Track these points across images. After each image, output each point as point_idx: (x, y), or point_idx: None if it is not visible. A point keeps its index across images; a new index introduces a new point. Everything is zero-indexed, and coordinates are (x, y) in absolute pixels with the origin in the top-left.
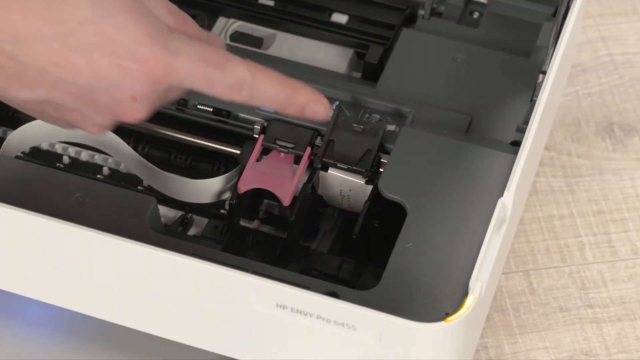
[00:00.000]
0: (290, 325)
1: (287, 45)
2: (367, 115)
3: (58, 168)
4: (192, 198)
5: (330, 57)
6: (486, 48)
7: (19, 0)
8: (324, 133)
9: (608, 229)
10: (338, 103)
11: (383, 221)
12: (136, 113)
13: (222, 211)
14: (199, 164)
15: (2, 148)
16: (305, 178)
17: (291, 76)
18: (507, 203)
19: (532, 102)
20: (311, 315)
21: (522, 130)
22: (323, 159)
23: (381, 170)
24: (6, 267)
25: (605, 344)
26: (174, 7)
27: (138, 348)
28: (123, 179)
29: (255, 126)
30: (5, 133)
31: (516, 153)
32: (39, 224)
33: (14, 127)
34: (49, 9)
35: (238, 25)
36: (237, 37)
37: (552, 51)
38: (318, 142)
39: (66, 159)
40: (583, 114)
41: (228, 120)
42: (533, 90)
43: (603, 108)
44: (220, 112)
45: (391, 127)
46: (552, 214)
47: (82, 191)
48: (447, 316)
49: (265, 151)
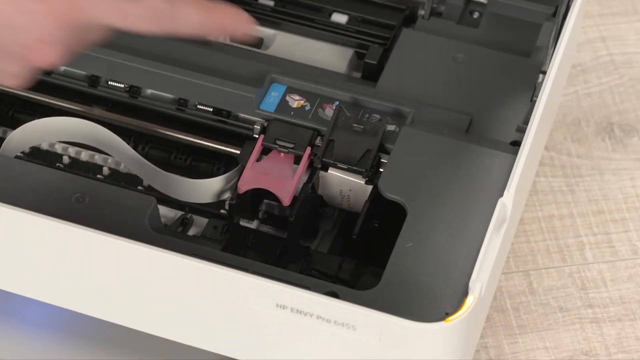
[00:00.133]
0: (290, 325)
1: (287, 45)
2: (367, 115)
3: (58, 168)
4: (192, 198)
5: (330, 57)
6: (486, 48)
7: None
8: (324, 133)
9: (608, 229)
10: (338, 103)
11: (383, 221)
12: (48, 56)
13: (222, 211)
14: (199, 164)
15: (2, 148)
16: (305, 178)
17: (291, 76)
18: (507, 203)
19: (532, 102)
20: (311, 315)
21: (522, 130)
22: (323, 159)
23: (381, 170)
24: (6, 267)
25: (605, 344)
26: None
27: (138, 348)
28: (123, 179)
29: (255, 126)
30: (5, 133)
31: (516, 153)
32: (39, 224)
33: (14, 127)
34: None
35: None
36: None
37: (552, 51)
38: (318, 142)
39: (66, 159)
40: (583, 114)
41: (228, 120)
42: (533, 90)
43: (603, 108)
44: (220, 112)
45: (391, 127)
46: (552, 214)
47: (82, 191)
48: (447, 316)
49: (265, 151)
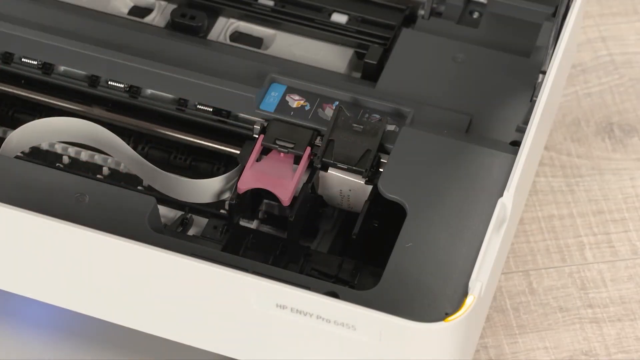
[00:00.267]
0: (290, 325)
1: (287, 45)
2: (367, 115)
3: (58, 168)
4: (192, 198)
5: (330, 57)
6: (486, 48)
7: None
8: (324, 133)
9: (608, 229)
10: (338, 103)
11: (383, 221)
12: None
13: (222, 211)
14: (199, 164)
15: (2, 148)
16: (305, 178)
17: (291, 76)
18: (507, 203)
19: (532, 102)
20: (311, 315)
21: (522, 130)
22: (323, 159)
23: (381, 170)
24: (6, 267)
25: (605, 344)
26: None
27: (138, 348)
28: (123, 179)
29: (255, 126)
30: (5, 133)
31: (516, 153)
32: (39, 224)
33: (14, 127)
34: None
35: (238, 25)
36: (237, 37)
37: (552, 51)
38: (318, 142)
39: (66, 159)
40: (583, 114)
41: (228, 120)
42: (533, 90)
43: (603, 108)
44: (220, 112)
45: (391, 127)
46: (552, 214)
47: (82, 191)
48: (447, 316)
49: (265, 151)
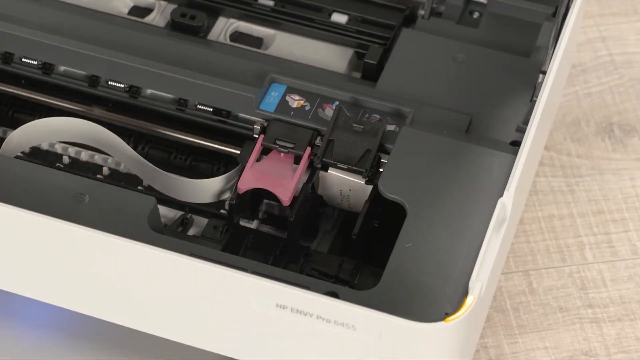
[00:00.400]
0: (290, 325)
1: (287, 45)
2: (367, 115)
3: (58, 168)
4: (192, 198)
5: (330, 57)
6: (486, 48)
7: None
8: (324, 133)
9: (608, 229)
10: (338, 103)
11: (383, 221)
12: None
13: (222, 211)
14: (199, 164)
15: (2, 148)
16: (305, 178)
17: (291, 76)
18: (507, 203)
19: (532, 102)
20: (311, 315)
21: (522, 130)
22: (323, 159)
23: (381, 170)
24: (6, 267)
25: (605, 344)
26: None
27: (138, 348)
28: (123, 179)
29: (255, 126)
30: (5, 133)
31: (516, 153)
32: (39, 224)
33: (14, 127)
34: None
35: (238, 25)
36: (237, 37)
37: (552, 51)
38: (318, 142)
39: (66, 159)
40: (583, 114)
41: (228, 120)
42: (533, 90)
43: (603, 108)
44: (220, 112)
45: (391, 127)
46: (552, 214)
47: (82, 191)
48: (447, 316)
49: (265, 151)
